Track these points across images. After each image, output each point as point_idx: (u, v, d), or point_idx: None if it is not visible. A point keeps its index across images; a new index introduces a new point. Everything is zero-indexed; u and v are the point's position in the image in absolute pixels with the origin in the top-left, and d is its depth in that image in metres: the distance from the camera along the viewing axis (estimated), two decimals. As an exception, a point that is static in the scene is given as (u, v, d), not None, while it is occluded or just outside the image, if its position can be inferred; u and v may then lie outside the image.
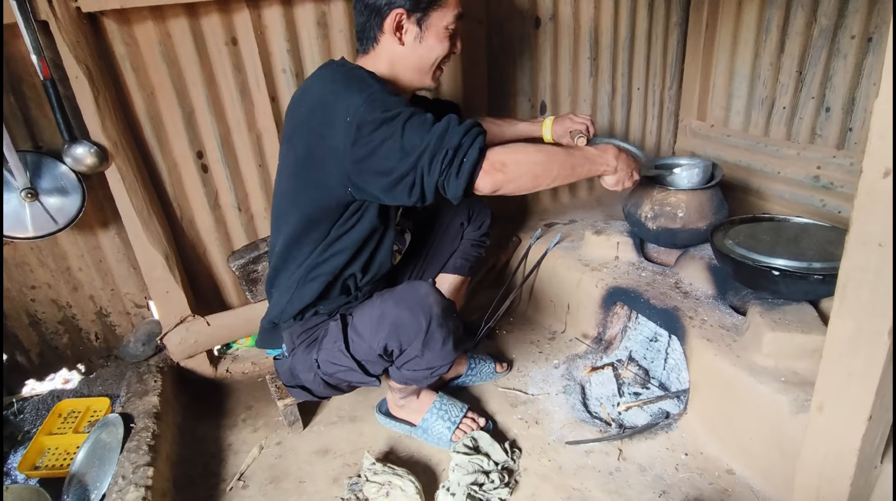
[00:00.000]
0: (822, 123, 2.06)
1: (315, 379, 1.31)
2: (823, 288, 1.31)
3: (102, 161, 1.48)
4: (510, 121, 1.77)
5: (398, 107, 1.08)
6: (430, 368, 1.27)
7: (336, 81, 1.16)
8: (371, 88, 1.12)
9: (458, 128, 1.06)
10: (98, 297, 1.78)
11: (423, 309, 1.17)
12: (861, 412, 0.90)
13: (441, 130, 1.06)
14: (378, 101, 1.08)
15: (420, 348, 1.20)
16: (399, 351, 1.22)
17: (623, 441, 1.48)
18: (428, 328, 1.18)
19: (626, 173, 1.36)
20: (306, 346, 1.31)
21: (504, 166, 1.09)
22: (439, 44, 1.25)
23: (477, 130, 1.08)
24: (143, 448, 1.39)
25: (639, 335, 1.76)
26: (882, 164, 0.76)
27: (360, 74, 1.17)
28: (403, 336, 1.18)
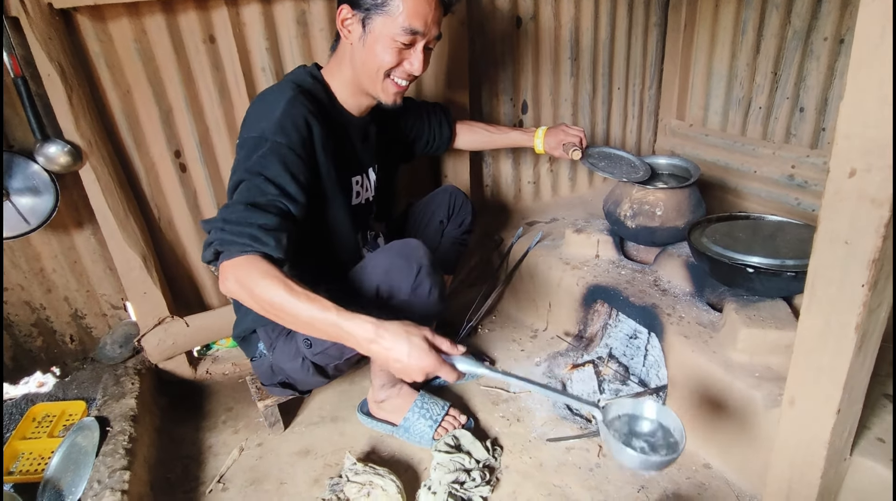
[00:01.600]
0: (797, 123, 2.10)
1: (303, 365, 1.30)
2: (796, 285, 1.34)
3: (76, 160, 1.45)
4: (502, 129, 1.77)
5: (258, 165, 1.10)
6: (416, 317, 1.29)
7: (260, 100, 1.22)
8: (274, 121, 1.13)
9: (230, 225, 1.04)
10: (73, 299, 1.75)
11: (414, 257, 1.22)
12: (830, 405, 0.92)
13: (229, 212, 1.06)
14: (258, 143, 1.12)
15: (409, 292, 1.23)
16: (390, 296, 1.24)
17: (603, 438, 1.49)
18: (418, 274, 1.22)
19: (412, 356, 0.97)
20: (286, 335, 1.31)
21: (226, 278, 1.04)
22: (383, 52, 1.20)
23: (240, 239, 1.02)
24: (119, 451, 1.37)
25: (619, 333, 1.78)
26: (847, 164, 0.78)
27: (280, 99, 1.17)
28: (395, 280, 1.22)
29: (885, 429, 1.12)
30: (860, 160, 0.77)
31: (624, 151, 1.87)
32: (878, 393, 1.21)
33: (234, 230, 1.03)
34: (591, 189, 2.49)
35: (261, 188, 1.08)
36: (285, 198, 1.10)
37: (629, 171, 1.77)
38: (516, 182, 2.30)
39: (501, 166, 2.24)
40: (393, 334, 0.97)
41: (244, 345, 1.46)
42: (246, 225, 1.03)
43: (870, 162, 0.76)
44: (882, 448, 1.07)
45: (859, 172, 0.77)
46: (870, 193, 0.77)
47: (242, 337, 1.45)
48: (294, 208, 1.12)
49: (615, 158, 1.84)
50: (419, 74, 1.26)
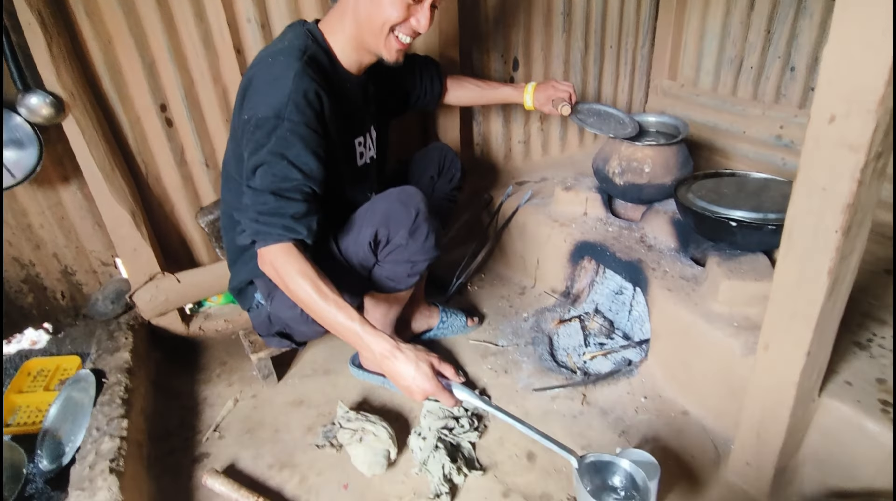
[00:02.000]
0: (787, 83, 2.10)
1: (302, 314, 1.33)
2: (776, 238, 1.35)
3: (59, 112, 1.43)
4: (492, 84, 1.75)
5: (281, 145, 1.11)
6: (411, 261, 1.34)
7: (268, 71, 1.17)
8: (285, 99, 1.12)
9: (265, 215, 1.11)
10: (62, 255, 1.75)
11: (412, 203, 1.27)
12: (801, 348, 0.96)
13: (262, 200, 1.12)
14: (274, 123, 1.11)
15: (406, 236, 1.28)
16: (386, 240, 1.29)
17: (587, 387, 1.55)
18: (415, 219, 1.27)
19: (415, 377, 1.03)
20: None
21: (270, 270, 1.15)
22: (390, 6, 1.18)
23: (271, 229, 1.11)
24: (116, 401, 1.40)
25: (605, 289, 1.82)
26: (828, 110, 0.79)
27: (289, 74, 1.14)
28: (393, 224, 1.27)
29: (852, 373, 1.17)
30: (840, 106, 0.78)
31: (613, 107, 1.86)
32: (849, 341, 1.26)
33: (267, 222, 1.11)
34: (582, 149, 2.49)
35: (285, 174, 1.12)
36: (309, 180, 1.14)
37: (618, 127, 1.78)
38: (506, 142, 2.30)
39: (492, 126, 2.23)
40: (405, 356, 1.04)
41: (241, 297, 1.47)
42: (278, 216, 1.11)
43: (849, 107, 0.77)
44: (849, 390, 1.13)
45: (839, 118, 0.79)
46: (848, 138, 0.79)
47: (239, 289, 1.46)
48: (318, 188, 1.17)
49: (604, 114, 1.84)
50: (424, 31, 1.24)
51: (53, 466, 1.35)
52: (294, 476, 1.35)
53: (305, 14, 1.69)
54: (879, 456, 1.07)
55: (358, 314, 1.09)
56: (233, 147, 1.31)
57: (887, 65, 0.71)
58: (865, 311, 1.37)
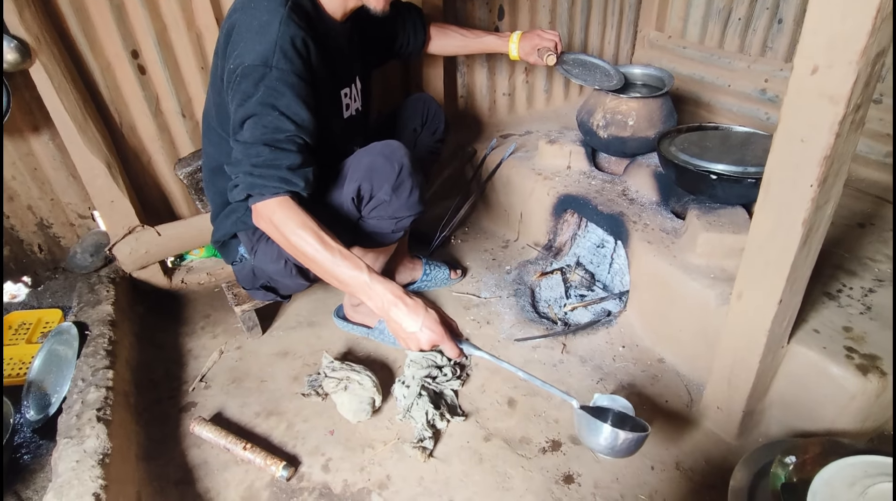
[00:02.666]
0: (774, 35, 2.08)
1: (286, 267, 1.33)
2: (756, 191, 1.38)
3: (25, 57, 1.36)
4: (476, 32, 1.70)
5: (270, 94, 1.07)
6: (395, 217, 1.33)
7: (251, 17, 1.11)
8: (272, 46, 1.07)
9: (259, 167, 1.07)
10: (37, 207, 1.71)
11: (396, 158, 1.25)
12: (773, 296, 1.00)
13: (254, 152, 1.08)
14: (261, 71, 1.07)
15: (390, 191, 1.26)
16: (370, 196, 1.27)
17: (567, 337, 1.59)
18: (399, 174, 1.25)
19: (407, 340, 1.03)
20: (267, 238, 1.32)
21: (260, 218, 1.12)
22: None
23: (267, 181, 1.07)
24: (100, 352, 1.41)
25: (587, 242, 1.84)
26: (811, 60, 0.79)
27: (275, 19, 1.09)
28: (376, 179, 1.25)
29: (821, 322, 1.22)
30: (823, 56, 0.78)
31: (600, 59, 1.83)
32: (819, 292, 1.31)
33: (263, 174, 1.07)
34: (567, 102, 2.46)
35: (277, 125, 1.08)
36: (301, 131, 1.11)
37: (603, 79, 1.76)
38: (491, 94, 2.26)
39: (476, 78, 2.19)
40: (415, 303, 1.03)
41: (224, 251, 1.46)
42: (274, 167, 1.07)
43: (832, 58, 0.77)
44: (816, 338, 1.17)
45: (821, 69, 0.79)
46: (828, 90, 0.79)
47: (222, 243, 1.45)
48: (310, 139, 1.13)
49: (590, 65, 1.81)
50: None
51: (40, 416, 1.37)
52: (281, 424, 1.38)
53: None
54: (841, 399, 1.13)
55: (363, 262, 1.06)
56: (213, 97, 1.27)
57: (870, 15, 0.71)
58: (837, 263, 1.41)
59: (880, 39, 0.74)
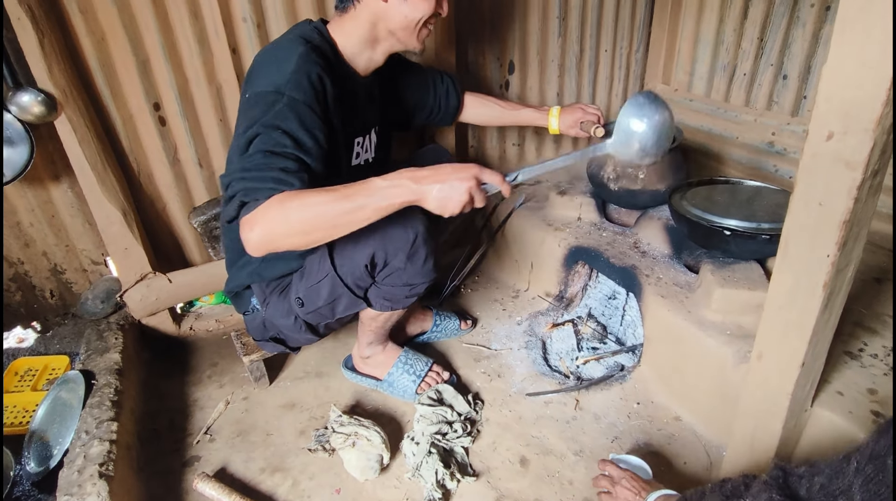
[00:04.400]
0: (779, 91, 2.12)
1: (295, 323, 1.32)
2: (770, 247, 1.38)
3: (51, 110, 1.41)
4: (514, 105, 1.71)
5: (274, 120, 1.07)
6: (410, 284, 1.31)
7: (271, 55, 1.17)
8: (287, 76, 1.10)
9: (256, 170, 1.03)
10: (52, 253, 1.72)
11: (411, 225, 1.22)
12: (795, 359, 0.97)
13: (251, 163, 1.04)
14: (272, 97, 1.08)
15: (404, 260, 1.24)
16: (384, 264, 1.25)
17: (580, 392, 1.55)
18: (414, 242, 1.22)
19: (448, 197, 0.99)
20: (280, 292, 1.32)
21: (252, 226, 1.01)
22: (424, 2, 1.23)
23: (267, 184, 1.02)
24: (105, 403, 1.38)
25: (598, 293, 1.83)
26: (826, 127, 0.80)
27: (293, 53, 1.13)
28: (390, 246, 1.22)
29: (844, 383, 1.18)
30: (838, 123, 0.79)
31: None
32: (840, 351, 1.28)
33: (256, 177, 1.03)
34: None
35: (277, 140, 1.06)
36: (301, 151, 1.08)
37: None
38: (501, 143, 2.30)
39: (487, 128, 2.23)
40: (429, 168, 1.00)
41: (236, 300, 1.46)
42: (267, 169, 1.03)
43: (847, 125, 0.78)
44: (840, 401, 1.14)
45: (836, 135, 0.79)
46: (845, 156, 0.80)
47: (235, 292, 1.45)
48: (310, 161, 1.09)
49: None
50: (446, 14, 1.30)
51: (41, 469, 1.34)
52: (286, 481, 1.34)
53: (301, 13, 1.68)
54: (868, 465, 1.08)
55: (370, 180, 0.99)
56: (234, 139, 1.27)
57: (885, 86, 0.72)
58: (856, 320, 1.39)
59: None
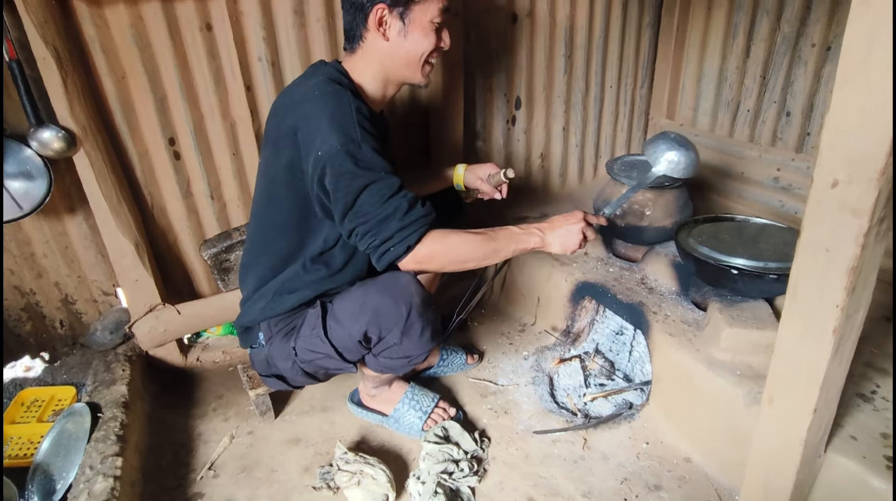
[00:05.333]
0: (783, 127, 2.15)
1: (293, 368, 1.33)
2: (778, 287, 1.38)
3: (70, 146, 1.45)
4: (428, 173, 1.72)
5: (369, 164, 1.14)
6: (408, 356, 1.30)
7: (322, 105, 1.17)
8: (351, 124, 1.14)
9: (401, 219, 1.14)
10: (64, 284, 1.74)
11: (404, 298, 1.20)
12: (807, 404, 0.96)
13: (386, 214, 1.14)
14: (352, 149, 1.13)
15: (399, 336, 1.23)
16: (378, 338, 1.25)
17: (588, 431, 1.53)
18: (408, 317, 1.20)
19: (567, 239, 1.30)
20: (284, 334, 1.32)
21: (430, 259, 1.19)
22: (425, 38, 1.27)
23: (416, 225, 1.16)
24: (111, 437, 1.38)
25: (605, 329, 1.82)
26: (830, 175, 0.81)
27: (343, 100, 1.17)
28: (384, 323, 1.21)
29: (857, 427, 1.17)
30: (842, 171, 0.80)
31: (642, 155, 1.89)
32: (852, 393, 1.26)
33: (413, 220, 1.15)
34: (581, 186, 2.52)
35: (389, 181, 1.16)
36: (399, 178, 1.18)
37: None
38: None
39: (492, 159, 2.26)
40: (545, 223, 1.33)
41: (245, 334, 1.45)
42: (413, 211, 1.16)
43: (851, 173, 0.79)
44: (854, 446, 1.12)
45: (841, 183, 0.81)
46: (850, 203, 0.80)
47: (246, 327, 1.45)
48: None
49: (642, 164, 1.87)
50: (449, 47, 1.33)
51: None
52: (290, 519, 1.32)
53: (315, 53, 1.73)
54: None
55: (508, 227, 1.29)
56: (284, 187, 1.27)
57: (888, 136, 0.73)
58: (867, 361, 1.38)
59: (900, 158, 0.76)
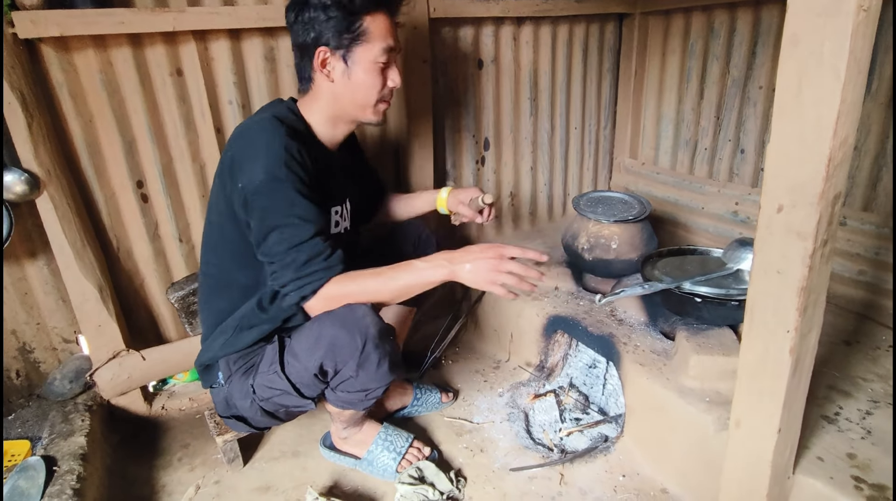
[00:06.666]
0: (739, 164, 2.25)
1: (252, 406, 1.30)
2: (740, 313, 1.41)
3: (34, 189, 1.43)
4: (410, 196, 1.75)
5: (285, 205, 1.16)
6: (365, 389, 1.27)
7: (255, 139, 1.20)
8: (277, 162, 1.15)
9: (297, 271, 1.17)
10: (21, 332, 1.68)
11: (359, 329, 1.17)
12: (772, 425, 0.98)
13: (287, 261, 1.17)
14: (273, 186, 1.15)
15: (355, 368, 1.20)
16: (334, 372, 1.22)
17: (564, 466, 1.52)
18: (363, 349, 1.17)
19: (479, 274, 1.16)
20: (243, 372, 1.30)
21: (334, 300, 1.20)
22: (370, 78, 1.28)
23: (312, 278, 1.17)
24: (66, 492, 1.31)
25: (579, 362, 1.83)
26: (776, 201, 0.86)
27: (276, 138, 1.18)
28: (339, 356, 1.18)
29: (823, 448, 1.19)
30: (786, 197, 0.85)
31: (611, 191, 1.97)
32: (817, 415, 1.29)
33: (309, 272, 1.17)
34: (551, 222, 2.58)
35: (299, 231, 1.16)
36: (317, 226, 1.19)
37: (623, 209, 1.89)
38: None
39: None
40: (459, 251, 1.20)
41: (205, 373, 1.42)
42: (314, 264, 1.17)
43: (794, 199, 0.84)
44: (821, 466, 1.14)
45: (786, 208, 0.85)
46: (795, 227, 0.85)
47: (206, 365, 1.42)
48: (326, 228, 1.24)
49: (606, 200, 1.95)
50: (399, 85, 1.34)
51: (-10, 568, 1.24)
52: (258, 573, 1.26)
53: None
54: (856, 535, 1.07)
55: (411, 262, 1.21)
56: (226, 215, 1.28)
57: (823, 163, 0.78)
58: (830, 383, 1.41)
59: (836, 184, 0.82)
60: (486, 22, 2.09)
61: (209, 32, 1.60)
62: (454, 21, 2.02)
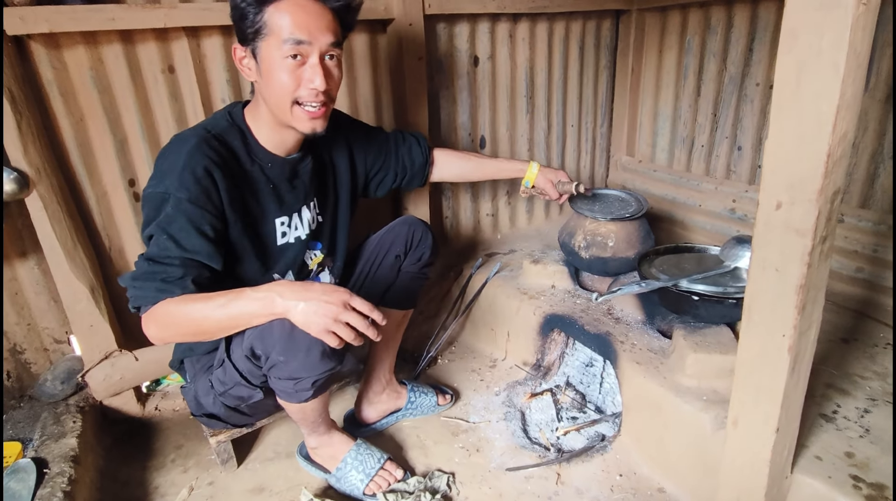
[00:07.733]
0: (736, 161, 2.25)
1: (215, 402, 1.29)
2: (737, 311, 1.40)
3: (23, 188, 1.41)
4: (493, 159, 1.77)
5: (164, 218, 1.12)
6: (294, 378, 1.19)
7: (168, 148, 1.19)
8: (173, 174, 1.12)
9: (131, 281, 1.12)
10: (12, 333, 1.66)
11: None
12: (769, 424, 0.97)
13: (140, 270, 1.13)
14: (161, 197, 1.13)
15: (282, 351, 1.13)
16: (265, 356, 1.17)
17: (561, 466, 1.51)
18: (291, 332, 1.10)
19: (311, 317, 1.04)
20: (205, 369, 1.30)
21: (147, 327, 1.13)
22: (280, 74, 1.15)
23: (142, 295, 1.11)
24: (57, 494, 1.29)
25: (575, 361, 1.82)
26: (774, 197, 0.85)
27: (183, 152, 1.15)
28: (267, 337, 1.13)
29: (821, 447, 1.18)
30: (785, 194, 0.84)
31: (608, 188, 1.96)
32: (815, 414, 1.28)
33: (141, 286, 1.11)
34: (548, 222, 2.57)
35: (165, 246, 1.11)
36: (188, 253, 1.12)
37: (620, 207, 1.88)
38: (475, 214, 2.36)
39: (461, 199, 2.29)
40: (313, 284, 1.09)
41: (181, 373, 1.42)
42: (150, 280, 1.10)
43: (793, 196, 0.83)
44: (820, 466, 1.13)
45: (784, 205, 0.84)
46: (794, 224, 0.84)
47: (176, 367, 1.42)
48: (202, 258, 1.14)
49: (603, 197, 1.93)
50: (324, 88, 1.17)
51: (-21, 573, 1.22)
52: (251, 575, 1.24)
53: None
54: (855, 534, 1.06)
55: (244, 290, 1.08)
56: None
57: (822, 159, 0.77)
58: (828, 381, 1.40)
59: (835, 180, 0.80)
60: (482, 18, 2.08)
61: (202, 29, 1.58)
62: (449, 17, 2.00)
